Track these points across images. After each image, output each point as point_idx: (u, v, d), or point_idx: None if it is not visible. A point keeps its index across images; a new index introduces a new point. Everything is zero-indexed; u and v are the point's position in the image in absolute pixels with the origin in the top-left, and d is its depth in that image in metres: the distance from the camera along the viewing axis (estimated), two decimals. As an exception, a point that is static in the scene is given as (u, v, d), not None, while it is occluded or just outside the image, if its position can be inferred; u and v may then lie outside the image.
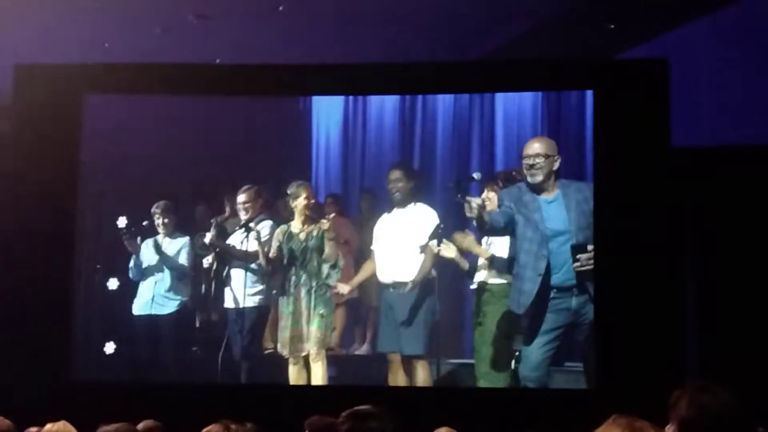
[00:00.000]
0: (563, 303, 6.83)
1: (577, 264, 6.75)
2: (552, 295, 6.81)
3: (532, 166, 6.84)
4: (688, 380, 3.70)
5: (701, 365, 7.03)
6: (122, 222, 8.38)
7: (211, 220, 8.31)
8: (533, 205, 6.85)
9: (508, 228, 6.90)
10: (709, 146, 7.60)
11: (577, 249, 6.76)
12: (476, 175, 7.53)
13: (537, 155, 6.84)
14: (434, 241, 7.32)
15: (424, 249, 7.51)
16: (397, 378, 7.61)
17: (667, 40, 8.50)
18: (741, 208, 7.17)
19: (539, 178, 6.83)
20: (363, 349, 8.95)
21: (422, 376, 7.51)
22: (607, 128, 7.07)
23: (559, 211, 6.85)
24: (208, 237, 8.11)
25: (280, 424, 5.14)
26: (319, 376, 7.59)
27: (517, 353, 7.14)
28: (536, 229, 6.81)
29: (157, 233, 8.43)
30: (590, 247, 6.75)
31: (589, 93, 7.44)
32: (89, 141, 7.53)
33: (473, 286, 7.47)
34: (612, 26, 8.73)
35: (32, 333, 7.11)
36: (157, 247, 8.34)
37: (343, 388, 7.79)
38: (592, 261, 6.73)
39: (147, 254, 8.37)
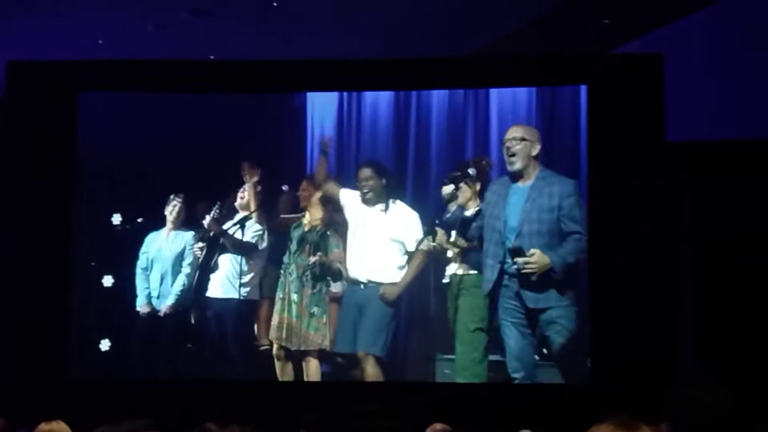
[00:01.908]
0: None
1: (515, 266, 6.88)
2: (506, 282, 6.99)
3: (508, 149, 7.05)
4: (682, 377, 3.71)
5: (696, 361, 7.03)
6: (117, 219, 8.36)
7: (213, 210, 8.29)
8: (504, 194, 7.05)
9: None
10: (704, 141, 7.61)
11: (515, 252, 6.86)
12: (471, 171, 7.51)
13: (513, 138, 7.06)
14: (427, 239, 7.38)
15: (413, 249, 7.50)
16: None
17: (662, 35, 8.50)
18: (736, 203, 7.17)
19: (517, 165, 7.03)
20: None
21: (371, 374, 7.42)
22: (602, 123, 7.10)
23: (520, 202, 6.96)
24: (207, 219, 8.06)
25: (277, 421, 5.14)
26: (312, 374, 7.59)
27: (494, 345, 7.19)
28: (499, 217, 7.00)
29: (162, 226, 8.35)
30: (531, 251, 6.84)
31: (584, 88, 7.44)
32: (83, 138, 7.52)
33: (446, 280, 7.44)
34: (606, 21, 8.73)
35: (28, 331, 7.12)
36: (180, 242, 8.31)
37: (338, 385, 7.78)
38: (528, 267, 6.83)
39: (153, 248, 8.31)
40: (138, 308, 8.24)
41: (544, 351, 7.12)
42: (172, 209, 8.27)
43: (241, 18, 8.98)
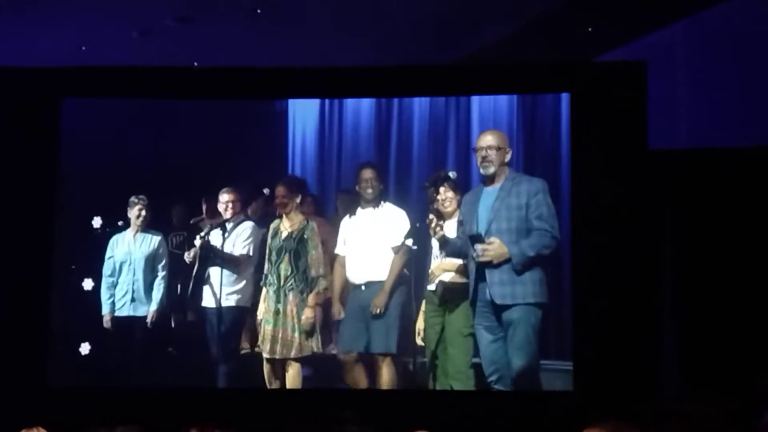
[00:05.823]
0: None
1: (475, 254, 6.85)
2: (480, 285, 6.94)
3: (484, 158, 7.00)
4: (668, 389, 3.70)
5: (677, 367, 7.06)
6: (97, 222, 8.34)
7: (198, 222, 8.30)
8: (476, 200, 7.03)
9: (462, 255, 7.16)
10: (686, 149, 7.64)
11: (474, 239, 6.87)
12: (452, 174, 7.53)
13: (489, 147, 6.99)
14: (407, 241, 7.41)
15: (398, 249, 7.53)
16: (356, 377, 7.60)
17: (645, 44, 8.54)
18: (718, 211, 7.20)
19: (491, 170, 6.98)
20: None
21: (387, 375, 7.47)
22: (585, 131, 7.12)
23: (489, 202, 6.96)
24: (198, 240, 8.06)
25: (258, 428, 5.13)
26: (293, 379, 7.60)
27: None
28: (472, 222, 6.98)
29: (127, 227, 8.35)
30: (491, 239, 6.81)
31: (565, 95, 7.46)
32: (66, 144, 7.51)
33: (431, 287, 7.45)
34: (590, 29, 8.75)
35: (7, 335, 7.10)
36: (148, 245, 8.30)
37: (319, 391, 7.77)
38: (486, 254, 6.80)
39: (121, 251, 8.30)
40: (104, 315, 8.22)
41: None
42: (137, 212, 8.27)
43: (224, 25, 8.98)
